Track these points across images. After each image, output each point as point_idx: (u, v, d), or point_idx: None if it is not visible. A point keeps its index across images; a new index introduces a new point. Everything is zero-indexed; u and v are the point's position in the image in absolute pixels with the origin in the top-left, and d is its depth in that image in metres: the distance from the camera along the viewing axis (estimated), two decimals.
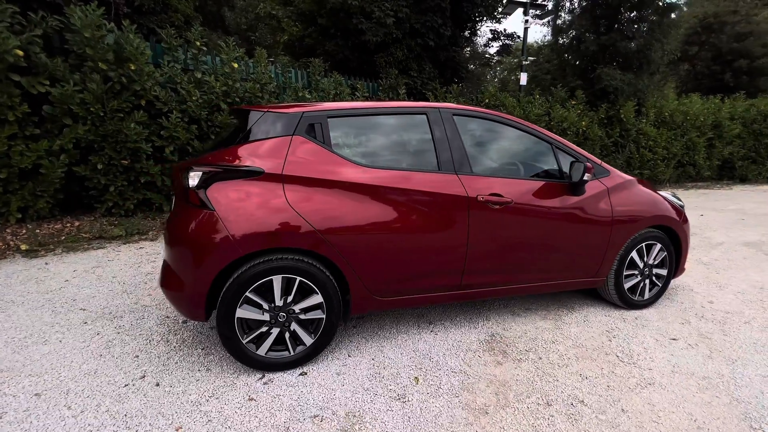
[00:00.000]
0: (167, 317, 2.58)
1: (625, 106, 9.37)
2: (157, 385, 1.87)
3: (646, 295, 2.78)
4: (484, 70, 13.10)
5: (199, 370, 1.99)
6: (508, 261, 2.34)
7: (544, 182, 2.39)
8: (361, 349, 2.21)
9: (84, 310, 2.67)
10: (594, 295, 2.95)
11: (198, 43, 5.49)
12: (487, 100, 8.76)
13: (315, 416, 1.67)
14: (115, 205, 4.98)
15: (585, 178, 2.29)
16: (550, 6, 10.36)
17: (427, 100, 9.02)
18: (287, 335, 1.95)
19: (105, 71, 4.46)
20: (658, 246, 2.71)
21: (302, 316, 1.96)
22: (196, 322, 2.49)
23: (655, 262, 2.74)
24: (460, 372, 2.00)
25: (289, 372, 1.98)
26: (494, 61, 13.92)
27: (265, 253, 1.86)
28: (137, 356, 2.11)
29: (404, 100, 8.43)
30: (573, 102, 9.31)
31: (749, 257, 4.08)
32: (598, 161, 2.62)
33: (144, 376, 1.93)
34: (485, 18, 9.66)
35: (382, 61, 8.55)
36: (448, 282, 2.24)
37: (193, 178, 1.84)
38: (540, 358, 2.14)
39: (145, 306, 2.74)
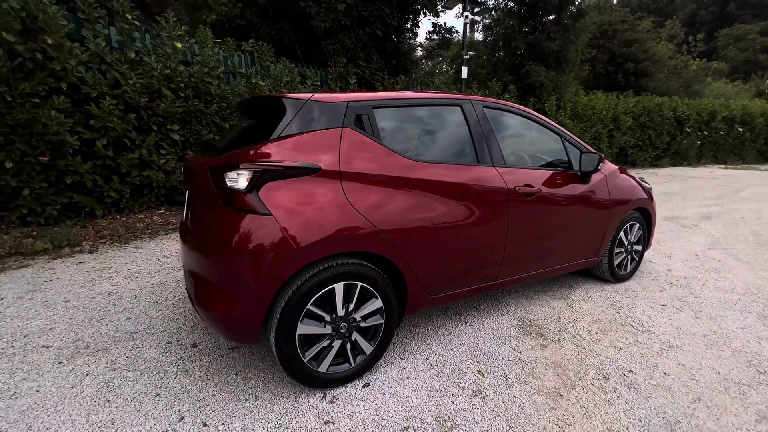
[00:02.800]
0: (169, 343, 2.18)
1: (549, 101, 10.43)
2: (205, 425, 1.58)
3: (628, 269, 3.17)
4: (419, 63, 13.41)
5: (246, 400, 1.73)
6: (536, 248, 2.45)
7: (560, 172, 2.55)
8: (409, 350, 2.14)
9: (48, 347, 2.13)
10: (580, 274, 3.25)
11: (129, 16, 4.64)
12: None
13: (405, 428, 1.58)
14: (31, 212, 4.05)
15: (599, 167, 2.50)
16: (490, 3, 10.97)
17: (376, 90, 8.96)
18: (348, 346, 1.80)
19: (11, 44, 3.52)
20: (638, 225, 3.10)
21: (363, 324, 1.81)
22: (206, 346, 2.16)
23: (635, 240, 3.13)
24: (516, 360, 2.06)
25: (350, 386, 1.83)
26: (435, 54, 14.34)
27: (325, 260, 1.67)
28: (158, 395, 1.75)
29: (355, 89, 8.25)
30: (507, 96, 10.07)
31: (673, 230, 4.89)
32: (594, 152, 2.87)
33: (183, 418, 1.61)
34: (427, 11, 9.85)
35: (330, 49, 8.22)
36: (488, 274, 2.27)
37: (238, 179, 1.55)
38: (574, 337, 2.30)
39: (130, 333, 2.28)
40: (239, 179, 1.55)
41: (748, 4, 34.68)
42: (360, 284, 1.75)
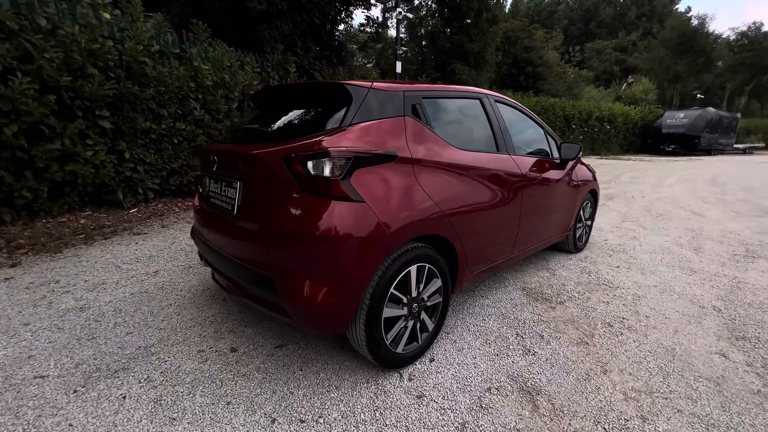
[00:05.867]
0: (201, 351, 1.98)
1: None
2: (302, 422, 1.52)
3: (583, 241, 3.80)
4: (354, 55, 13.39)
5: (328, 391, 1.70)
6: (536, 225, 2.81)
7: (547, 159, 2.95)
8: (450, 326, 2.30)
9: (43, 377, 1.76)
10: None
11: None
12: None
13: (489, 389, 1.75)
14: None
15: (578, 156, 2.97)
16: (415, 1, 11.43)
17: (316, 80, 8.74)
18: (418, 325, 1.89)
19: None
20: (589, 204, 3.73)
21: (428, 303, 1.92)
22: (246, 348, 2.02)
23: (587, 216, 3.77)
24: (539, 321, 2.38)
25: (418, 362, 1.93)
26: (368, 47, 14.37)
27: (406, 244, 1.73)
28: (229, 402, 1.61)
29: (296, 79, 7.95)
30: None
31: None
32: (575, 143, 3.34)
33: (274, 420, 1.52)
34: (360, 2, 9.89)
35: (267, 35, 7.75)
36: (505, 250, 2.54)
37: (329, 167, 1.51)
38: (570, 298, 2.73)
39: (144, 348, 2.01)
40: (330, 167, 1.51)
41: (605, 24, 42.46)
42: (428, 266, 1.84)
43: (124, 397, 1.63)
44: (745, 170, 13.07)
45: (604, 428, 1.53)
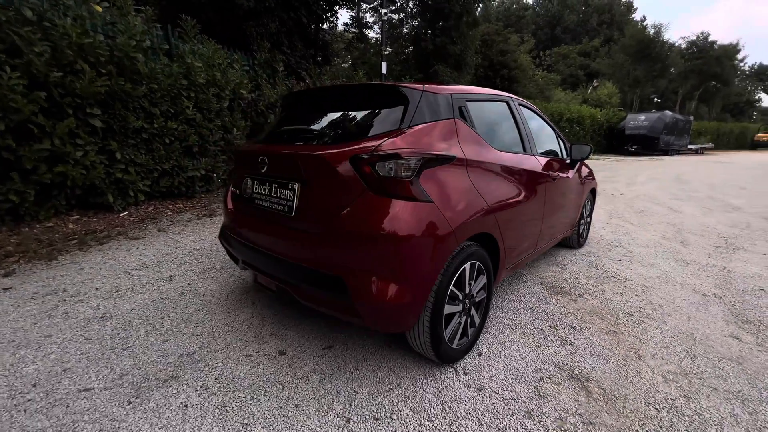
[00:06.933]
0: (249, 356, 1.95)
1: None
2: (376, 419, 1.54)
3: (585, 237, 4.01)
4: (340, 55, 13.30)
5: (391, 389, 1.72)
6: (553, 221, 2.94)
7: (560, 159, 3.09)
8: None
9: (88, 390, 1.68)
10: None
11: None
12: None
13: (542, 378, 1.83)
14: None
15: (589, 157, 3.13)
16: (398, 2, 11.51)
17: (303, 80, 8.62)
18: (468, 321, 1.95)
19: None
20: (590, 202, 3.95)
21: (476, 299, 1.98)
22: (294, 351, 2.00)
23: (588, 213, 3.98)
24: (566, 313, 2.50)
25: (468, 357, 1.98)
26: (353, 47, 14.27)
27: (465, 242, 1.78)
28: (297, 405, 1.60)
29: (284, 77, 7.81)
30: None
31: None
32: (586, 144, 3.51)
33: (348, 420, 1.53)
34: (345, 4, 9.85)
35: (254, 32, 7.58)
36: (532, 245, 2.65)
37: (399, 168, 1.53)
38: (587, 291, 2.89)
39: (187, 355, 1.95)
40: (401, 168, 1.54)
41: (569, 30, 44.58)
42: (478, 263, 1.91)
43: (186, 406, 1.58)
44: (703, 169, 14.15)
45: (656, 408, 1.65)
